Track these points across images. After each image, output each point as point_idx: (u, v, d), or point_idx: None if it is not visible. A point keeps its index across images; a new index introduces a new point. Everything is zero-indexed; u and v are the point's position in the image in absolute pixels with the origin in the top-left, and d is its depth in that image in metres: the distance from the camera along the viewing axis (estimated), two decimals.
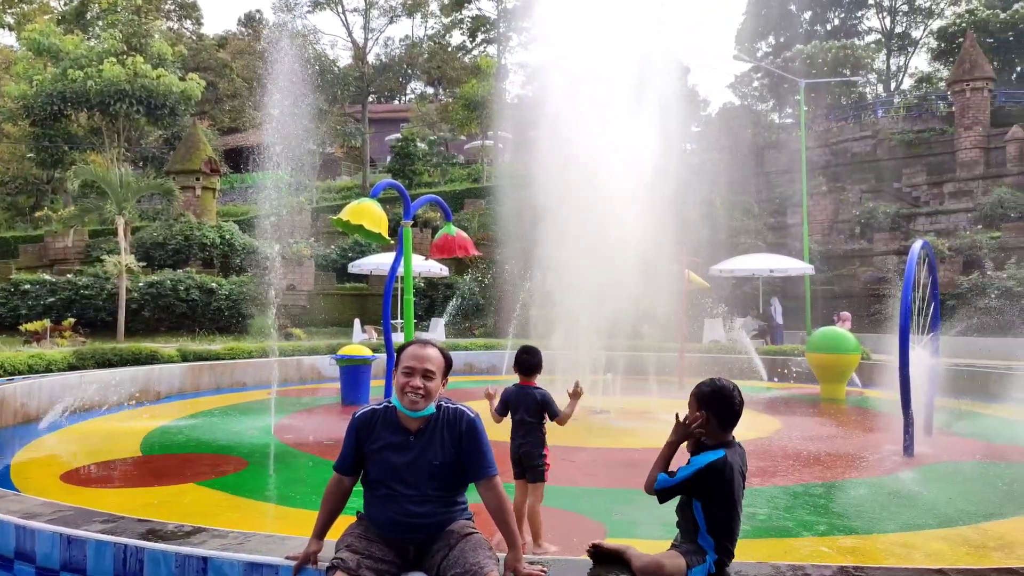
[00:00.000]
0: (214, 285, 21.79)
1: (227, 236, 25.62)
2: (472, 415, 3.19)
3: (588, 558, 3.34)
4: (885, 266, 25.87)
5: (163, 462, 7.30)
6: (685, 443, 3.27)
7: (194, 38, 46.39)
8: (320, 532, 3.24)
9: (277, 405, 10.08)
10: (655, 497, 3.24)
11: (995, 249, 24.71)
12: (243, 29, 53.58)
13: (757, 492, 6.23)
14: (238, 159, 44.64)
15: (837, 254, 28.85)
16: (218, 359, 13.96)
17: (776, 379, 15.50)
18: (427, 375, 3.10)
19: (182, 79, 31.61)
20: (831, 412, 11.47)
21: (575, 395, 4.74)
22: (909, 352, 7.75)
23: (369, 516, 3.21)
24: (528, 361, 4.90)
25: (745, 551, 4.52)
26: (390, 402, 3.21)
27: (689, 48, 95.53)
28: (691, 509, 3.21)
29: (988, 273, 22.99)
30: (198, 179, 27.45)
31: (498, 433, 4.32)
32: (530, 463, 4.65)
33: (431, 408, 3.14)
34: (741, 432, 3.33)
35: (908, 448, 7.73)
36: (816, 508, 5.88)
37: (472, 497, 3.26)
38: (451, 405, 3.22)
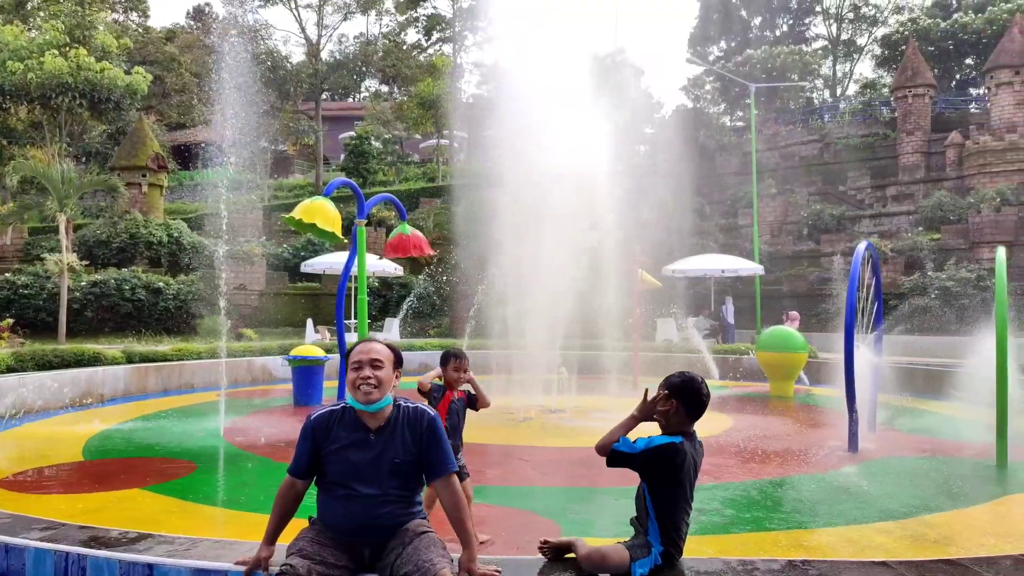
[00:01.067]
0: (161, 285, 21.26)
1: (175, 234, 25.02)
2: (432, 414, 3.20)
3: (541, 557, 3.36)
4: (832, 266, 26.57)
5: (107, 467, 7.09)
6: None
7: (140, 31, 45.14)
8: (271, 537, 3.17)
9: (227, 407, 9.88)
10: (604, 459, 3.32)
11: (935, 250, 25.59)
12: (192, 23, 52.40)
13: (709, 489, 6.33)
14: (187, 155, 43.63)
15: (786, 255, 29.53)
16: (165, 360, 13.61)
17: (729, 377, 15.79)
18: (375, 364, 3.10)
19: (128, 73, 30.74)
20: (780, 409, 11.72)
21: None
22: (854, 350, 7.96)
23: (324, 520, 3.15)
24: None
25: (696, 547, 4.59)
26: (346, 403, 3.18)
27: (643, 50, 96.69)
28: (643, 497, 3.29)
29: (928, 274, 23.79)
30: (144, 175, 26.75)
31: (485, 437, 4.31)
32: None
33: (387, 400, 3.12)
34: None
35: (853, 444, 7.95)
36: (765, 504, 6.01)
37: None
38: (411, 404, 3.22)
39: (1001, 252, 7.96)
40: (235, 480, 6.82)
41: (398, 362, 3.22)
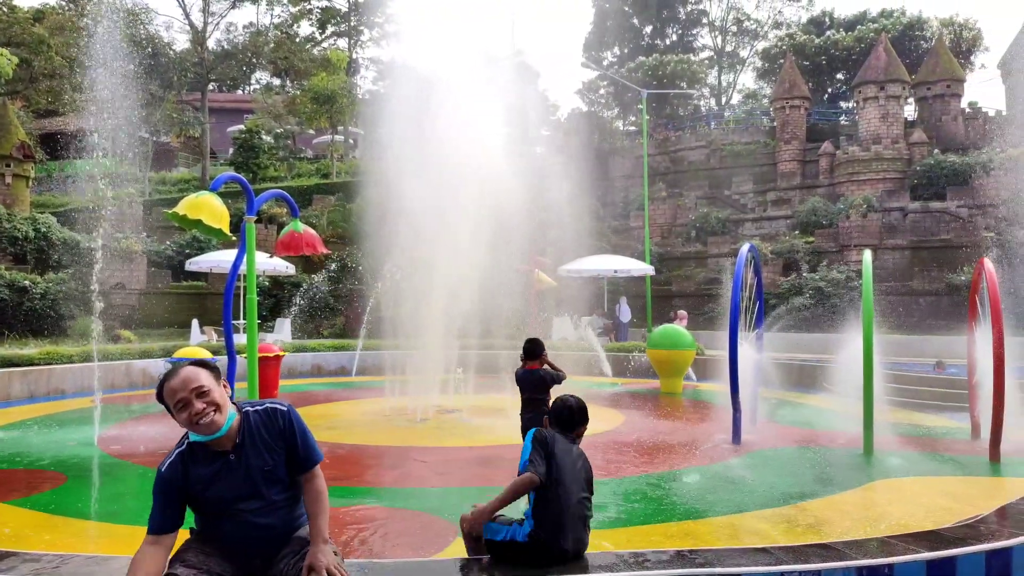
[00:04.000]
0: (27, 283, 19.74)
1: (43, 229, 23.28)
2: (285, 407, 3.02)
3: (440, 558, 3.34)
4: (718, 267, 27.82)
5: None
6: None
7: (5, 10, 41.72)
8: None
9: (103, 413, 9.27)
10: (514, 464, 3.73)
11: (809, 253, 27.26)
12: (63, 3, 48.92)
13: (601, 484, 6.46)
14: (56, 145, 40.69)
15: (675, 256, 30.67)
16: (32, 364, 12.64)
17: (621, 374, 16.22)
18: (201, 393, 2.87)
19: None
20: (669, 405, 12.16)
21: None
22: (738, 348, 8.36)
23: (209, 538, 2.98)
24: (530, 348, 6.32)
25: (591, 541, 4.68)
26: (189, 439, 2.95)
27: (540, 53, 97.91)
28: None
29: (804, 275, 25.31)
30: (9, 165, 24.84)
31: (381, 438, 4.19)
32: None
33: (232, 414, 2.93)
34: (588, 426, 3.54)
35: (736, 437, 8.34)
36: (655, 497, 6.21)
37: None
38: (259, 407, 3.03)
39: (867, 255, 8.56)
40: (110, 491, 6.41)
41: (216, 372, 2.99)
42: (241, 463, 2.91)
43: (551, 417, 3.81)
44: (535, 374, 6.35)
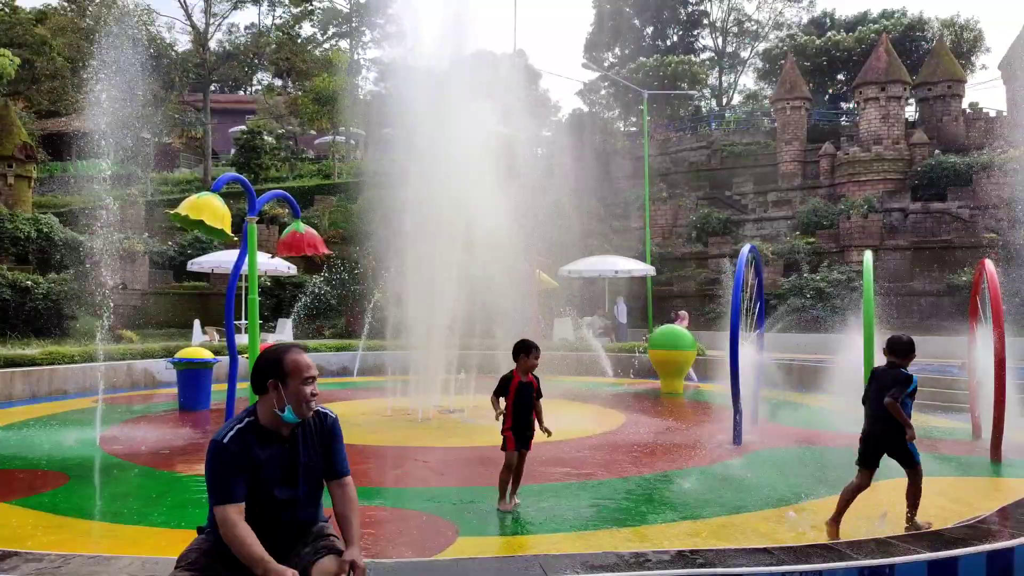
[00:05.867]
0: (29, 283, 19.74)
1: (45, 229, 23.29)
2: (332, 413, 3.24)
3: (437, 558, 3.34)
4: (718, 268, 27.81)
5: None
6: None
7: (7, 11, 41.75)
8: (266, 559, 2.85)
9: (105, 414, 9.30)
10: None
11: (810, 253, 27.25)
12: (65, 4, 48.97)
13: (602, 484, 6.49)
14: (58, 145, 40.77)
15: (676, 256, 30.66)
16: (34, 365, 12.66)
17: (622, 375, 16.22)
18: (315, 379, 3.14)
19: None
20: (670, 405, 12.16)
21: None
22: (739, 348, 8.36)
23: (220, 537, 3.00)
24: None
25: (590, 541, 4.69)
26: (250, 415, 3.06)
27: (541, 54, 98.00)
28: None
29: (804, 275, 25.30)
30: (11, 166, 24.85)
31: (383, 438, 4.19)
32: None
33: None
34: (589, 427, 3.49)
35: (737, 437, 8.35)
36: (656, 497, 6.21)
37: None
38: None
39: (868, 255, 8.57)
40: (112, 491, 6.42)
41: None
42: (289, 451, 3.07)
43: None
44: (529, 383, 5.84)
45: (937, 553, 3.84)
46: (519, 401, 5.64)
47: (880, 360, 5.59)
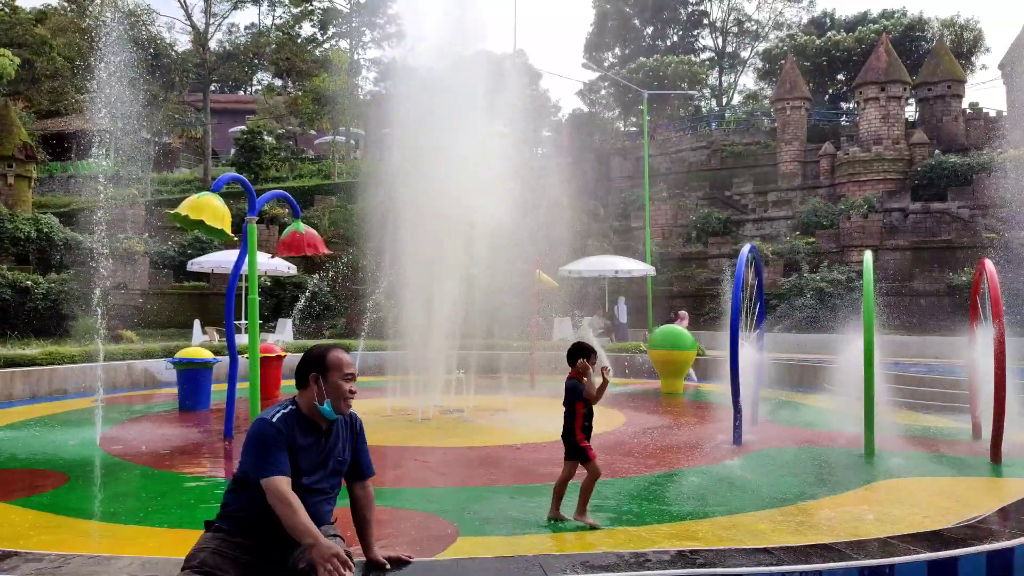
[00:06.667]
0: (29, 283, 19.76)
1: (45, 229, 23.31)
2: (359, 417, 3.43)
3: (445, 558, 3.35)
4: (718, 268, 27.81)
5: None
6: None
7: (7, 11, 41.75)
8: (315, 531, 2.94)
9: (104, 413, 9.28)
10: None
11: (810, 253, 27.26)
12: (65, 4, 48.96)
13: (603, 484, 6.46)
14: (58, 145, 40.81)
15: (676, 256, 30.67)
16: (34, 364, 12.66)
17: (622, 375, 16.21)
18: (355, 378, 3.29)
19: None
20: (670, 405, 12.16)
21: (604, 382, 5.29)
22: (739, 348, 8.36)
23: (235, 530, 3.04)
24: (569, 354, 5.39)
25: (591, 541, 4.69)
26: (293, 403, 3.20)
27: (541, 54, 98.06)
28: None
29: (804, 275, 25.30)
30: (11, 166, 24.88)
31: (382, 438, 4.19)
32: (565, 443, 5.28)
33: None
34: None
35: (737, 437, 8.34)
36: (656, 497, 6.21)
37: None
38: None
39: (868, 255, 8.56)
40: (112, 491, 6.42)
41: None
42: (326, 446, 3.21)
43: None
44: (568, 382, 5.44)
45: (937, 553, 3.84)
46: (588, 407, 5.22)
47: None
